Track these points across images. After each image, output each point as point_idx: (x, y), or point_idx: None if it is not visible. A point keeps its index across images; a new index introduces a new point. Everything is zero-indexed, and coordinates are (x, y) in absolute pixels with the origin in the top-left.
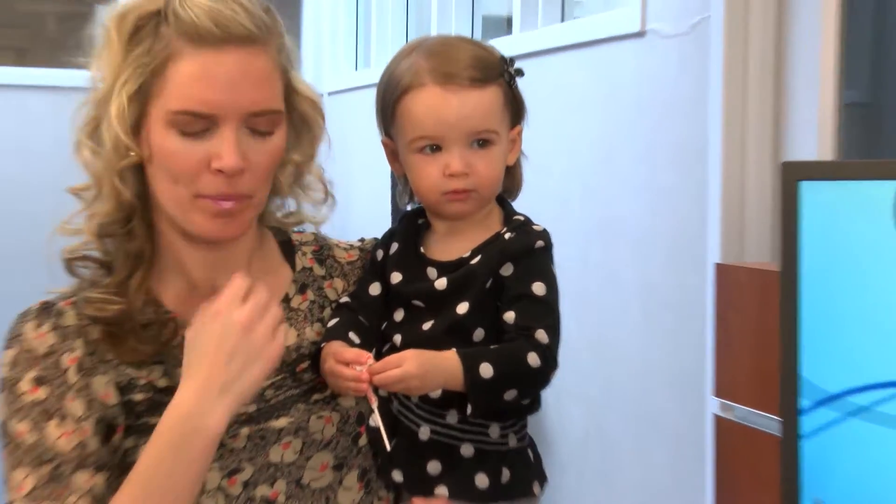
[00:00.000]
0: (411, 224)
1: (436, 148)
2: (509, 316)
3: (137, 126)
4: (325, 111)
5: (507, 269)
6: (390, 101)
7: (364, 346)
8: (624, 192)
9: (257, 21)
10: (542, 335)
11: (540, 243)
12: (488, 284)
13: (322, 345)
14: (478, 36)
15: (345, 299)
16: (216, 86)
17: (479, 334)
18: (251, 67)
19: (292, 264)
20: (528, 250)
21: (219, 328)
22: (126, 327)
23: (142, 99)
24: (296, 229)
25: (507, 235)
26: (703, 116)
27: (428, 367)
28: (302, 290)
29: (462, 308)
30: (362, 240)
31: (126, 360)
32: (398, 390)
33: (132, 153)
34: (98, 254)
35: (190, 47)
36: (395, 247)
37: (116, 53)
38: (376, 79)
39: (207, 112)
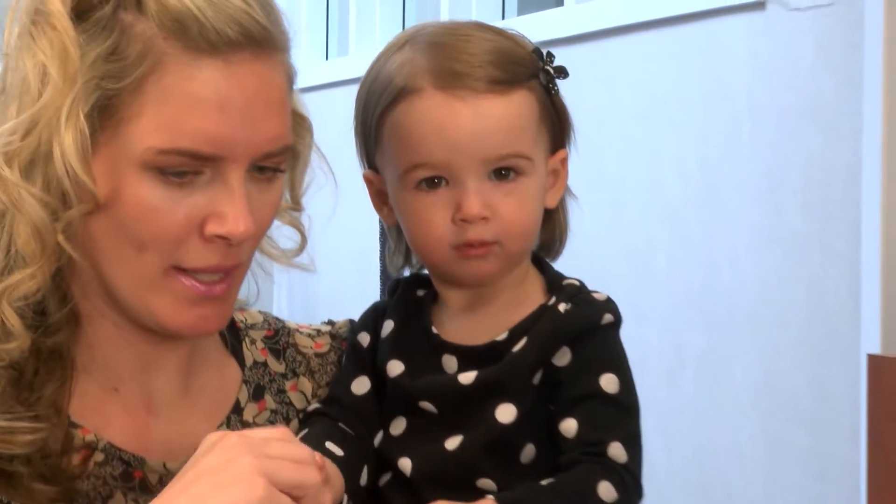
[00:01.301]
0: (408, 296)
1: (440, 182)
2: (569, 426)
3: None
4: None
5: (562, 357)
6: (374, 114)
7: (351, 459)
8: (734, 244)
9: (272, 15)
10: (617, 451)
11: (608, 318)
12: (537, 379)
13: None
14: (512, 10)
15: (315, 405)
16: (229, 114)
17: (528, 453)
18: (269, 86)
19: (239, 358)
20: (592, 329)
21: (226, 438)
22: (34, 465)
23: (95, 121)
24: (237, 306)
25: (561, 308)
26: (853, 130)
27: None
28: (257, 394)
29: (506, 414)
30: (331, 322)
31: (19, 503)
32: None
33: (90, 200)
34: None
35: (185, 54)
36: (388, 326)
37: (67, 47)
38: (358, 71)
39: (212, 153)
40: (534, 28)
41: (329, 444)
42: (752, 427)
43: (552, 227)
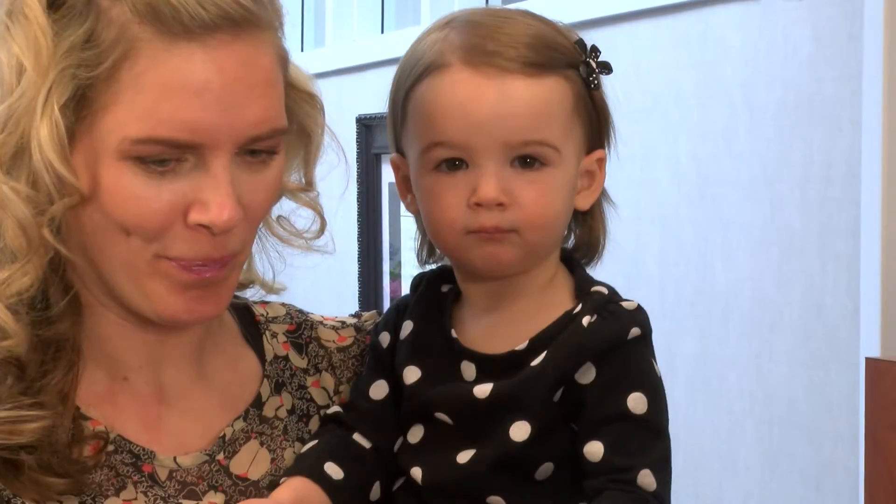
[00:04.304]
0: (431, 293)
1: (460, 164)
2: (594, 450)
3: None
4: None
5: (586, 375)
6: (401, 92)
7: (351, 482)
8: (728, 244)
9: None
10: (646, 479)
11: (635, 331)
12: (557, 396)
13: (281, 481)
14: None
15: (334, 409)
16: (207, 100)
17: (545, 471)
18: (253, 68)
19: (259, 351)
20: (618, 345)
21: None
22: (43, 457)
23: (72, 111)
24: (258, 299)
25: (585, 321)
26: (852, 125)
27: None
28: (278, 389)
29: (520, 432)
30: (358, 315)
31: (25, 497)
32: None
33: (74, 192)
34: None
35: (160, 38)
36: (408, 327)
37: (38, 37)
38: (334, 63)
39: (191, 140)
40: None
41: (328, 466)
42: (746, 434)
43: (586, 231)
